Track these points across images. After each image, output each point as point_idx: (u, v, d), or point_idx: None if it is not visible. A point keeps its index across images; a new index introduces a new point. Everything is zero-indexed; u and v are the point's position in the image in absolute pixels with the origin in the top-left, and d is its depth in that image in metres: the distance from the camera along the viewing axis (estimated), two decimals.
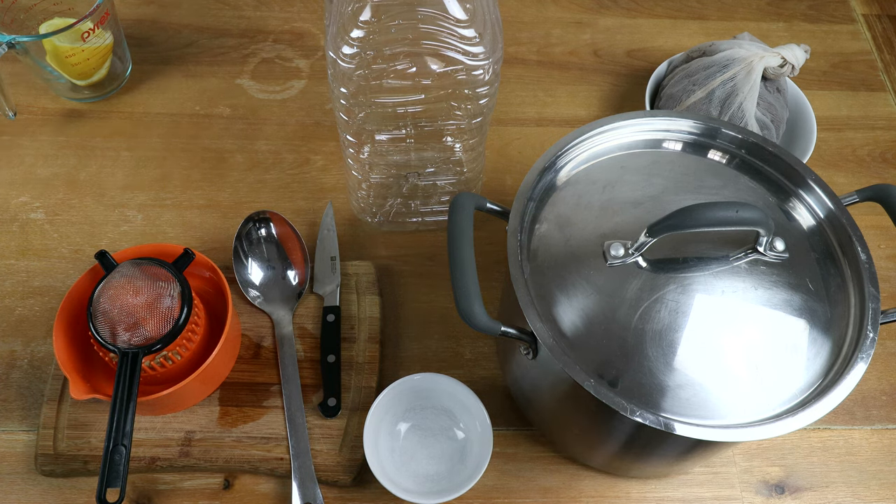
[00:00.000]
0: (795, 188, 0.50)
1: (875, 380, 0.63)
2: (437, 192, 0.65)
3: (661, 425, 0.40)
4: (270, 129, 0.75)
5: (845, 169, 0.76)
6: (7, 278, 0.65)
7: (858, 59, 0.86)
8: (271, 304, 0.62)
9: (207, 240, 0.67)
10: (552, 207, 0.48)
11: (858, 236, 0.46)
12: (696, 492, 0.57)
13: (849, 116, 0.80)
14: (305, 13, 0.85)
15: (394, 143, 0.60)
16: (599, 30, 0.86)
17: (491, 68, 0.51)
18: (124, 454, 0.48)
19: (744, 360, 0.42)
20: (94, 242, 0.67)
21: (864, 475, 0.58)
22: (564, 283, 0.45)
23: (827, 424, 0.60)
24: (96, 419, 0.56)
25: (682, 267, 0.45)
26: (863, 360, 0.42)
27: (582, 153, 0.51)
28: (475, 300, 0.41)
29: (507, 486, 0.56)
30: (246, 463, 0.55)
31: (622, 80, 0.82)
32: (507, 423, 0.59)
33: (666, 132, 0.52)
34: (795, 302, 0.44)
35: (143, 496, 0.55)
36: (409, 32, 0.48)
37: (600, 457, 0.54)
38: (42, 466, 0.54)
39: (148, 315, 0.51)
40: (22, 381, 0.59)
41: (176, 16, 0.84)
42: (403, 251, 0.68)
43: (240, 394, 0.58)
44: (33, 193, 0.70)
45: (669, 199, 0.48)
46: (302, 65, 0.81)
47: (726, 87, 0.68)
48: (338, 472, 0.55)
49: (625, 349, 0.42)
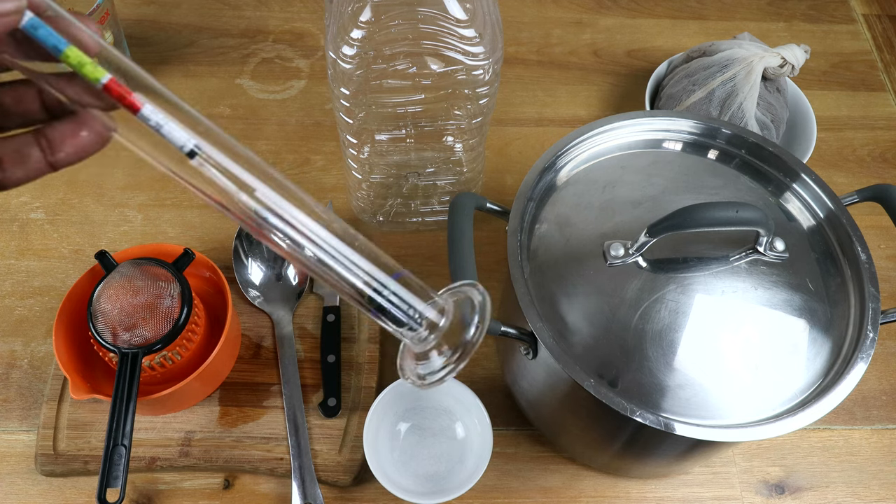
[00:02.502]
0: (795, 188, 0.50)
1: (875, 380, 0.63)
2: (437, 192, 0.65)
3: (661, 425, 0.40)
4: (270, 129, 0.75)
5: (845, 169, 0.76)
6: (7, 278, 0.65)
7: (858, 59, 0.86)
8: (271, 304, 0.62)
9: (207, 240, 0.67)
10: (552, 207, 0.48)
11: (858, 236, 0.46)
12: (696, 492, 0.57)
13: (849, 116, 0.80)
14: (305, 13, 0.85)
15: (394, 143, 0.60)
16: (599, 30, 0.86)
17: (491, 68, 0.51)
18: (124, 454, 0.48)
19: (744, 361, 0.42)
20: (94, 242, 0.67)
21: (864, 475, 0.58)
22: (564, 283, 0.45)
23: (827, 424, 0.60)
24: (96, 419, 0.56)
25: (682, 267, 0.45)
26: (863, 360, 0.42)
27: (582, 153, 0.51)
28: None
29: (507, 486, 0.56)
30: (246, 463, 0.55)
31: (622, 80, 0.82)
32: (507, 423, 0.59)
33: (666, 132, 0.52)
34: (795, 302, 0.44)
35: (143, 496, 0.55)
36: (409, 32, 0.48)
37: (600, 457, 0.54)
38: (42, 466, 0.54)
39: (148, 315, 0.51)
40: (22, 381, 0.59)
41: (176, 16, 0.84)
42: (403, 251, 0.68)
43: (240, 394, 0.58)
44: (33, 193, 0.70)
45: (669, 199, 0.48)
46: (302, 65, 0.81)
47: (726, 87, 0.68)
48: (338, 472, 0.55)
49: (625, 349, 0.42)
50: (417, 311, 0.31)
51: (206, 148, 0.26)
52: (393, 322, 0.31)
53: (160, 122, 0.25)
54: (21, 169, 0.26)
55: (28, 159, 0.26)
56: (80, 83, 0.25)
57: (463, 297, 0.33)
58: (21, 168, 0.26)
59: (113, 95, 0.24)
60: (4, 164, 0.26)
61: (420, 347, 0.32)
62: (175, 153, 0.26)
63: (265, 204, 0.28)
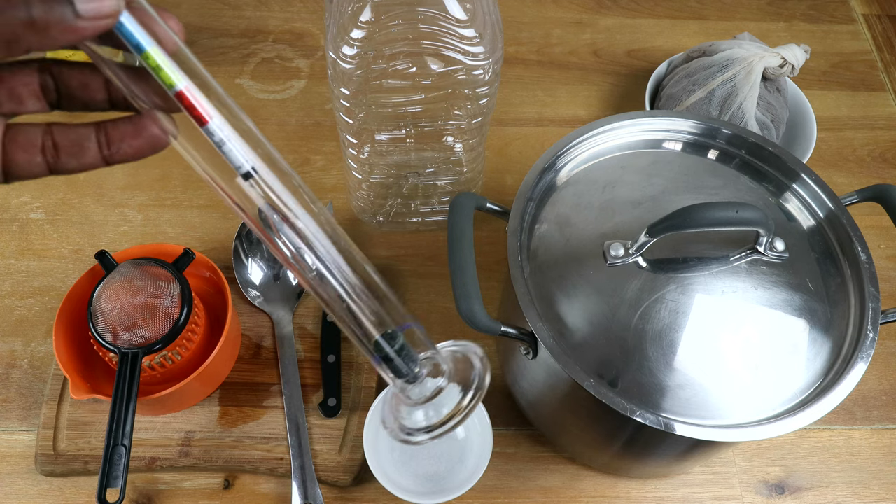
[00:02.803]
0: (795, 188, 0.50)
1: (875, 380, 0.63)
2: (437, 192, 0.65)
3: (661, 425, 0.40)
4: (270, 129, 0.75)
5: (845, 169, 0.76)
6: (7, 278, 0.65)
7: (858, 59, 0.86)
8: (271, 304, 0.62)
9: (207, 240, 0.67)
10: (552, 207, 0.48)
11: (858, 236, 0.46)
12: (696, 492, 0.57)
13: (849, 116, 0.80)
14: (305, 13, 0.85)
15: (394, 143, 0.60)
16: (599, 30, 0.86)
17: (491, 68, 0.51)
18: (124, 454, 0.48)
19: (744, 361, 0.42)
20: (94, 242, 0.67)
21: (864, 475, 0.58)
22: (564, 283, 0.45)
23: (827, 424, 0.60)
24: (96, 419, 0.56)
25: (682, 267, 0.45)
26: (863, 360, 0.42)
27: (582, 153, 0.51)
28: (475, 300, 0.41)
29: (507, 486, 0.56)
30: (246, 463, 0.55)
31: (622, 80, 0.82)
32: (507, 423, 0.59)
33: (666, 132, 0.52)
34: (795, 302, 0.44)
35: (143, 496, 0.55)
36: (409, 32, 0.48)
37: (600, 457, 0.54)
38: (42, 466, 0.54)
39: (148, 315, 0.51)
40: (22, 381, 0.59)
41: (176, 15, 0.84)
42: (403, 251, 0.68)
43: (240, 394, 0.58)
44: (33, 193, 0.70)
45: (669, 199, 0.48)
46: (302, 65, 0.81)
47: (726, 87, 0.68)
48: (338, 472, 0.55)
49: (625, 349, 0.42)
50: (419, 367, 0.31)
51: (262, 172, 0.26)
52: (393, 372, 0.31)
53: (223, 138, 0.25)
54: (75, 160, 0.26)
55: (85, 152, 0.26)
56: (152, 83, 0.24)
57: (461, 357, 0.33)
58: (75, 159, 0.26)
59: (183, 104, 0.24)
60: (61, 152, 0.26)
61: (409, 401, 0.32)
62: (228, 169, 0.26)
63: (305, 239, 0.28)
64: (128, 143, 0.26)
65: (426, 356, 0.32)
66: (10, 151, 0.25)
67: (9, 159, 0.25)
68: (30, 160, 0.25)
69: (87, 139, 0.26)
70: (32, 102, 0.26)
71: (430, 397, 0.32)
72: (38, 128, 0.26)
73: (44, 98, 0.26)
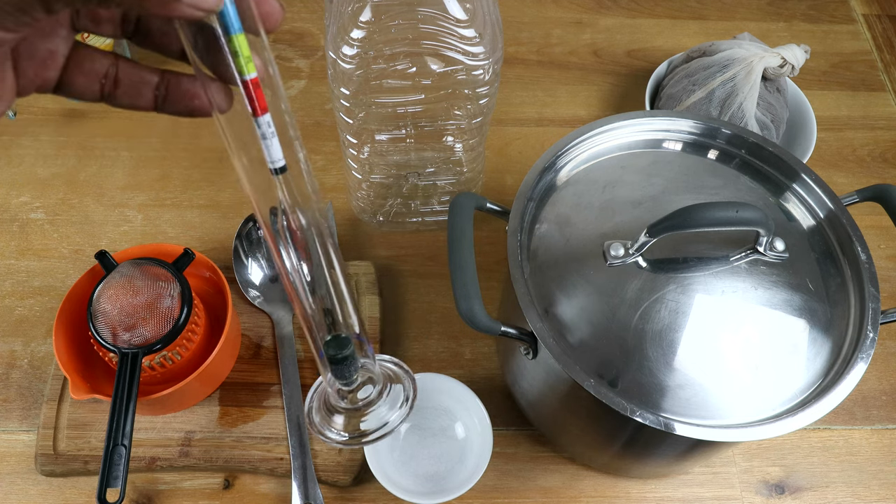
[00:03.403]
0: (795, 188, 0.50)
1: (875, 380, 0.63)
2: (437, 192, 0.65)
3: (661, 425, 0.40)
4: None
5: (845, 169, 0.76)
6: (7, 278, 0.65)
7: (858, 59, 0.86)
8: (271, 304, 0.62)
9: (207, 240, 0.67)
10: (552, 207, 0.48)
11: (858, 236, 0.46)
12: (696, 492, 0.57)
13: (849, 116, 0.80)
14: (305, 13, 0.85)
15: (394, 143, 0.60)
16: (599, 30, 0.86)
17: (491, 68, 0.51)
18: (124, 454, 0.48)
19: (744, 361, 0.42)
20: (94, 242, 0.67)
21: (864, 475, 0.58)
22: (564, 283, 0.45)
23: (827, 424, 0.60)
24: (96, 419, 0.56)
25: (682, 267, 0.45)
26: (863, 360, 0.42)
27: (582, 153, 0.51)
28: (475, 300, 0.41)
29: (507, 486, 0.56)
30: (246, 463, 0.55)
31: (622, 80, 0.82)
32: (507, 423, 0.59)
33: (666, 132, 0.52)
34: (795, 302, 0.44)
35: (143, 496, 0.55)
36: (409, 32, 0.48)
37: (600, 457, 0.54)
38: (42, 466, 0.54)
39: (148, 315, 0.51)
40: (22, 381, 0.59)
41: None
42: (403, 251, 0.68)
43: (240, 394, 0.58)
44: (33, 193, 0.70)
45: (669, 199, 0.48)
46: (302, 65, 0.81)
47: (726, 87, 0.68)
48: (338, 472, 0.55)
49: (625, 349, 0.42)
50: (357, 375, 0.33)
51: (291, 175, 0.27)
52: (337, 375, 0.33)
53: (268, 133, 0.25)
54: (129, 98, 0.27)
55: (142, 95, 0.27)
56: (222, 60, 0.24)
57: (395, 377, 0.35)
58: (130, 98, 0.27)
59: (246, 90, 0.24)
60: (120, 87, 0.26)
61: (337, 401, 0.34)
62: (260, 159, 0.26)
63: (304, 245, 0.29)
64: (185, 102, 0.27)
65: (365, 365, 0.34)
66: (72, 73, 0.26)
67: (68, 79, 0.26)
68: (88, 85, 0.26)
69: (149, 84, 0.26)
70: (108, 27, 0.26)
71: (359, 406, 0.34)
72: (107, 58, 0.26)
73: (121, 27, 0.26)
